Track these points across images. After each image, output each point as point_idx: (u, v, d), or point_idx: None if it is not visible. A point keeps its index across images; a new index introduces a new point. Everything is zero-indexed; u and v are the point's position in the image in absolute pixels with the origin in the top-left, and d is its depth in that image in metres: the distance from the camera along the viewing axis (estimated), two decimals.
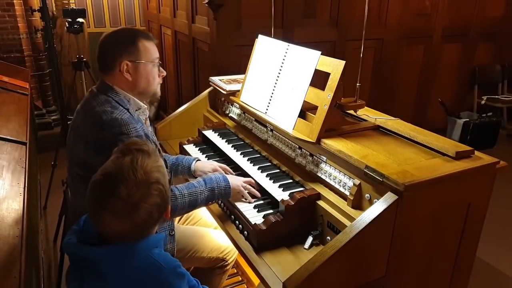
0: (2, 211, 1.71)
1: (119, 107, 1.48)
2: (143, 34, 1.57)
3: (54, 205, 3.11)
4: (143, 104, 1.62)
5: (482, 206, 1.49)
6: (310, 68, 1.70)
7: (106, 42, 1.54)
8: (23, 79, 3.72)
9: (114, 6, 5.79)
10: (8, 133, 2.49)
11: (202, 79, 3.71)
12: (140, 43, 1.53)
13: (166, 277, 1.05)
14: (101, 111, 1.44)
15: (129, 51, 1.52)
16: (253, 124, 2.04)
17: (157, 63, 1.60)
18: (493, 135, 4.29)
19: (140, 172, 1.01)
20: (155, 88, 1.63)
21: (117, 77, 1.53)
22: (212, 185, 1.59)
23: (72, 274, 1.10)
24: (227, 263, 1.85)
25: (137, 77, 1.54)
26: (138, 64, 1.53)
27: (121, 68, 1.51)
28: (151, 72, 1.58)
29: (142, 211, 1.01)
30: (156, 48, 1.60)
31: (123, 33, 1.58)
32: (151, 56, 1.56)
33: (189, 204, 1.54)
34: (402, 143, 1.59)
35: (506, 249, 2.83)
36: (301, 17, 3.47)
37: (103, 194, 1.00)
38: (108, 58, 1.53)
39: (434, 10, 4.16)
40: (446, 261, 1.54)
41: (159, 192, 1.04)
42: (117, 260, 1.02)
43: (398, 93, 4.32)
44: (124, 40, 1.53)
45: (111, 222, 1.00)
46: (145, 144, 1.12)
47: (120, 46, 1.52)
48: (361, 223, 1.21)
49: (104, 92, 1.52)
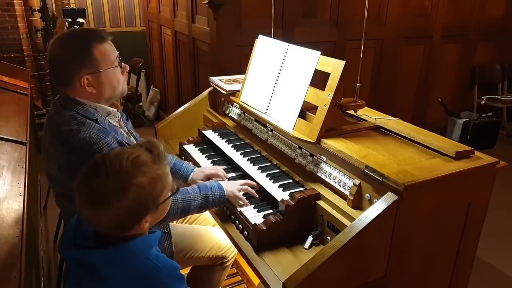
0: (2, 211, 1.71)
1: (85, 121, 1.37)
2: (95, 36, 1.40)
3: (54, 205, 3.09)
4: (112, 108, 1.51)
5: (482, 206, 1.49)
6: (310, 68, 1.70)
7: (57, 55, 1.39)
8: (23, 79, 3.72)
9: (114, 6, 5.79)
10: (8, 133, 2.49)
11: (202, 79, 3.71)
12: (95, 50, 1.38)
13: (164, 280, 1.04)
14: (68, 132, 1.33)
15: (86, 63, 1.37)
16: (253, 124, 2.04)
17: (118, 62, 1.47)
18: (493, 135, 4.28)
19: (127, 165, 0.99)
20: (122, 88, 1.52)
21: (78, 90, 1.40)
22: (207, 192, 1.55)
23: (70, 276, 1.09)
24: (227, 260, 1.85)
25: (101, 87, 1.43)
26: (99, 74, 1.40)
27: (82, 83, 1.39)
28: (115, 76, 1.46)
29: (110, 208, 0.97)
30: (112, 46, 1.45)
31: (73, 42, 1.40)
32: (109, 60, 1.43)
33: (182, 210, 1.50)
34: (402, 143, 1.59)
35: (506, 249, 2.83)
36: (301, 17, 3.47)
37: (87, 172, 1.00)
38: (64, 75, 1.40)
39: (434, 10, 4.16)
40: (446, 261, 1.54)
41: (137, 197, 0.99)
42: (115, 263, 1.02)
43: (398, 93, 4.32)
44: (77, 52, 1.37)
45: (82, 203, 0.98)
46: (158, 148, 1.08)
47: (74, 60, 1.37)
48: (361, 223, 1.21)
49: (67, 107, 1.40)
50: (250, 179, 1.75)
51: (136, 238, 1.05)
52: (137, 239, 1.05)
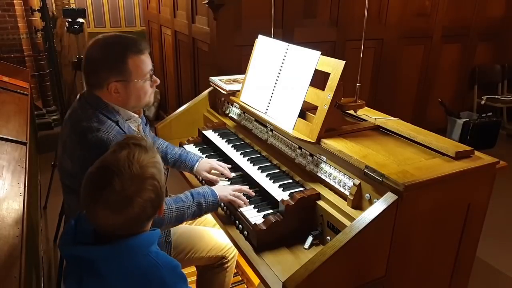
0: (2, 211, 1.71)
1: (106, 121, 1.42)
2: (133, 47, 1.44)
3: (54, 205, 3.11)
4: (133, 114, 1.55)
5: (482, 206, 1.49)
6: (310, 68, 1.70)
7: (94, 57, 1.43)
8: (23, 79, 3.72)
9: (114, 6, 5.80)
10: (8, 133, 2.49)
11: (202, 79, 3.71)
12: (130, 60, 1.42)
13: (164, 276, 1.05)
14: (87, 128, 1.37)
15: (118, 71, 1.41)
16: (253, 124, 2.04)
17: (149, 76, 1.51)
18: (493, 135, 4.28)
19: (135, 166, 1.02)
20: (147, 100, 1.55)
21: (105, 93, 1.45)
22: (200, 199, 1.54)
23: (70, 274, 1.10)
24: (227, 260, 1.85)
25: (127, 96, 1.47)
26: (128, 84, 1.44)
27: (109, 88, 1.43)
28: (143, 89, 1.49)
29: (136, 205, 1.01)
30: (148, 59, 1.50)
31: (112, 48, 1.44)
32: (142, 73, 1.47)
33: (176, 219, 1.50)
34: (402, 143, 1.59)
35: (506, 249, 2.83)
36: (301, 17, 3.47)
37: (98, 186, 1.01)
38: (95, 76, 1.44)
39: (434, 10, 4.16)
40: (446, 261, 1.54)
41: (154, 187, 1.04)
42: (115, 259, 1.02)
43: (398, 93, 4.32)
44: (112, 58, 1.41)
45: (104, 215, 1.00)
46: (143, 139, 1.12)
47: (108, 65, 1.41)
48: (361, 223, 1.21)
49: (91, 104, 1.44)
50: (250, 179, 1.75)
51: (137, 235, 1.06)
52: (138, 236, 1.06)
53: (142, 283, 1.03)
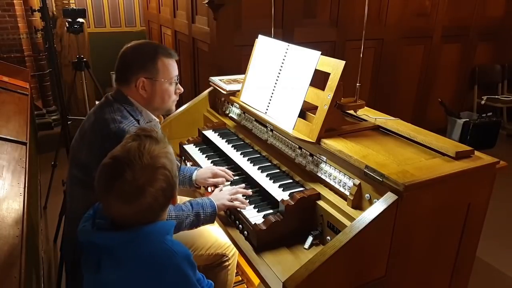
0: (2, 211, 1.71)
1: (129, 117, 1.50)
2: (164, 51, 1.57)
3: (54, 205, 3.11)
4: (155, 117, 1.63)
5: (482, 206, 1.49)
6: (310, 68, 1.70)
7: (127, 55, 1.55)
8: (23, 79, 3.72)
9: (114, 6, 5.80)
10: (8, 133, 2.49)
11: (202, 79, 3.71)
12: (160, 61, 1.54)
13: (179, 263, 1.07)
14: (111, 119, 1.46)
15: (147, 68, 1.53)
16: (253, 124, 2.04)
17: (175, 81, 1.61)
18: (493, 135, 4.28)
19: (146, 156, 1.05)
20: (170, 106, 1.65)
21: (132, 90, 1.55)
22: (198, 210, 1.55)
23: (88, 261, 1.12)
24: (228, 258, 1.84)
25: (152, 94, 1.56)
26: (154, 82, 1.54)
27: (137, 84, 1.53)
28: (167, 91, 1.59)
29: (148, 195, 1.04)
30: (175, 65, 1.61)
31: (144, 48, 1.57)
32: (169, 75, 1.57)
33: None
34: (402, 143, 1.59)
35: (506, 249, 2.83)
36: (301, 17, 3.47)
37: (110, 177, 1.04)
38: (125, 72, 1.54)
39: (434, 10, 4.16)
40: (446, 261, 1.54)
41: (165, 177, 1.07)
42: (132, 245, 1.05)
43: (398, 93, 4.32)
44: (144, 56, 1.54)
45: (117, 205, 1.03)
46: (153, 130, 1.14)
47: (139, 62, 1.53)
48: (361, 223, 1.21)
49: (118, 101, 1.54)
50: (250, 179, 1.75)
51: (153, 223, 1.09)
52: (154, 224, 1.09)
53: (158, 269, 1.05)
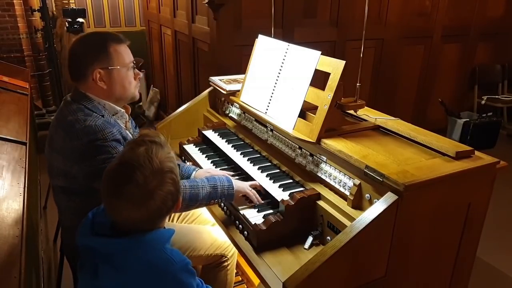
0: (2, 211, 1.71)
1: (92, 114, 1.44)
2: (113, 37, 1.50)
3: (54, 205, 3.08)
4: (120, 108, 1.56)
5: (482, 206, 1.49)
6: (310, 68, 1.70)
7: (75, 50, 1.48)
8: (23, 79, 3.72)
9: (114, 6, 5.80)
10: (8, 133, 2.49)
11: (202, 79, 3.71)
12: (111, 48, 1.47)
13: (177, 272, 1.07)
14: (74, 120, 1.40)
15: (100, 58, 1.46)
16: (253, 124, 2.04)
17: (132, 66, 1.55)
18: (493, 135, 4.28)
19: (155, 161, 1.06)
20: (133, 92, 1.58)
21: (90, 85, 1.48)
22: (215, 183, 1.54)
23: (85, 266, 1.12)
24: (227, 258, 1.84)
25: (111, 84, 1.49)
26: (111, 71, 1.48)
27: (94, 76, 1.46)
28: (126, 77, 1.52)
29: (157, 198, 1.05)
30: (128, 50, 1.55)
31: (92, 39, 1.51)
32: (124, 61, 1.51)
33: (190, 197, 1.48)
34: (402, 143, 1.59)
35: (506, 249, 2.83)
36: (301, 17, 3.47)
37: (120, 182, 1.04)
38: (79, 67, 1.47)
39: (434, 10, 4.16)
40: (446, 261, 1.54)
41: (173, 180, 1.09)
42: (130, 252, 1.05)
43: (398, 93, 4.32)
44: (94, 47, 1.47)
45: (128, 209, 1.04)
46: (157, 135, 1.15)
47: (90, 54, 1.46)
48: (361, 223, 1.21)
49: (77, 101, 1.47)
50: (250, 179, 1.75)
51: (153, 230, 1.09)
52: (155, 231, 1.09)
53: (156, 277, 1.05)
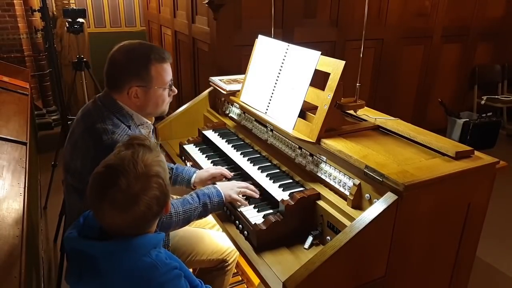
0: (2, 211, 1.71)
1: (120, 125, 1.44)
2: (157, 55, 1.47)
3: (54, 205, 3.11)
4: (146, 120, 1.57)
5: (482, 206, 1.49)
6: (310, 68, 1.70)
7: (118, 60, 1.46)
8: (23, 79, 3.72)
9: (114, 6, 5.79)
10: (8, 133, 2.49)
11: (202, 79, 3.71)
12: (153, 67, 1.46)
13: (160, 277, 1.05)
14: (102, 130, 1.39)
15: (140, 76, 1.45)
16: (253, 124, 2.04)
17: (169, 86, 1.54)
18: (493, 135, 4.28)
19: (140, 165, 1.04)
20: (164, 109, 1.58)
21: (124, 97, 1.47)
22: (206, 200, 1.54)
23: (71, 269, 1.11)
24: (228, 264, 1.84)
25: (145, 101, 1.49)
26: (148, 90, 1.47)
27: (129, 92, 1.45)
28: (161, 96, 1.53)
29: (142, 204, 1.03)
30: (169, 69, 1.53)
31: (136, 52, 1.47)
32: (163, 81, 1.50)
33: (183, 222, 1.51)
34: (402, 143, 1.59)
35: (506, 249, 2.83)
36: (301, 17, 3.47)
37: (104, 185, 1.02)
38: (116, 78, 1.46)
39: (434, 10, 4.16)
40: (446, 261, 1.54)
41: (159, 185, 1.06)
42: (115, 256, 1.03)
43: (398, 93, 4.32)
44: (136, 62, 1.45)
45: (111, 214, 1.02)
46: (146, 139, 1.13)
47: (131, 69, 1.44)
48: (361, 223, 1.21)
49: (107, 106, 1.46)
50: (250, 179, 1.75)
51: (140, 235, 1.07)
52: (141, 236, 1.07)
53: (139, 282, 1.04)
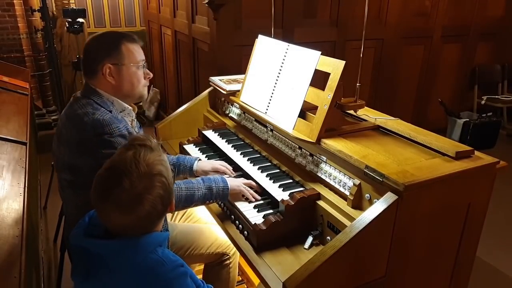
0: (2, 211, 1.71)
1: (100, 108, 1.47)
2: (127, 36, 1.56)
3: (54, 205, 3.11)
4: (128, 105, 1.60)
5: (482, 206, 1.49)
6: (310, 68, 1.70)
7: (90, 46, 1.54)
8: (23, 79, 3.72)
9: (114, 6, 5.79)
10: (8, 133, 2.49)
11: (202, 79, 3.71)
12: (123, 46, 1.52)
13: (168, 274, 1.06)
14: (82, 113, 1.43)
15: (112, 54, 1.51)
16: (253, 124, 2.04)
17: (142, 65, 1.58)
18: (493, 135, 4.28)
19: (142, 164, 1.04)
20: (141, 91, 1.61)
21: (100, 80, 1.52)
22: (211, 184, 1.58)
23: (77, 267, 1.12)
24: (229, 257, 1.84)
25: (120, 80, 1.53)
26: (121, 67, 1.52)
27: (104, 71, 1.50)
28: (135, 75, 1.56)
29: (146, 203, 1.04)
30: (141, 50, 1.59)
31: (106, 36, 1.57)
32: (135, 59, 1.55)
33: (186, 199, 1.53)
34: (402, 143, 1.59)
35: (506, 249, 2.83)
36: (301, 17, 3.47)
37: (107, 186, 1.03)
38: (91, 62, 1.52)
39: (434, 10, 4.16)
40: (446, 261, 1.54)
41: (162, 184, 1.07)
42: (121, 254, 1.04)
43: (398, 93, 4.32)
44: (107, 44, 1.52)
45: (116, 215, 1.03)
46: (147, 139, 1.14)
47: (102, 50, 1.51)
48: (361, 223, 1.21)
49: (86, 96, 1.51)
50: (250, 179, 1.75)
51: (146, 234, 1.08)
52: (147, 235, 1.08)
53: (147, 279, 1.05)
